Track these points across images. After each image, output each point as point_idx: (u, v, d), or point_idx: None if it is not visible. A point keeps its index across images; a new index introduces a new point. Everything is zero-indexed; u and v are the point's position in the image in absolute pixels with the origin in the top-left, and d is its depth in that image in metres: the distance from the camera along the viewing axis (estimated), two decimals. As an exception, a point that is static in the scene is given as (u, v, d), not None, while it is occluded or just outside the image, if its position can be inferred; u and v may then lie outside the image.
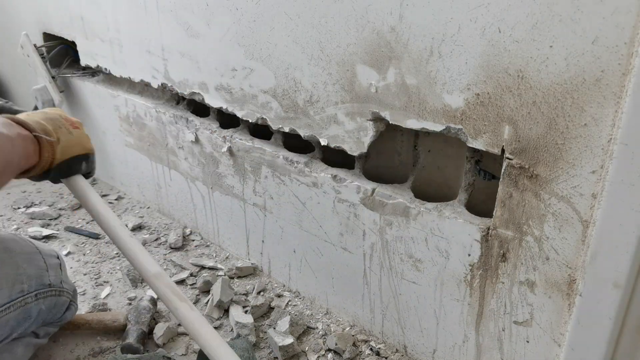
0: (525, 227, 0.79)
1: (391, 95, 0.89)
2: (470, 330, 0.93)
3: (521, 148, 0.75)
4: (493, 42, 0.73)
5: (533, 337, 0.85)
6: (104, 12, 1.46)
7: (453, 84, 0.80)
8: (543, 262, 0.79)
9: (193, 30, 1.21)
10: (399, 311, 1.05)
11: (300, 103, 1.05)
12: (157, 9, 1.28)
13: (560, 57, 0.67)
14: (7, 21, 1.95)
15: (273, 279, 1.32)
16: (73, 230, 1.54)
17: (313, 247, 1.16)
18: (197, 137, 1.34)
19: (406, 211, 0.94)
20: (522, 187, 0.78)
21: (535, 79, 0.71)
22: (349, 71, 0.93)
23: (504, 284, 0.85)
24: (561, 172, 0.72)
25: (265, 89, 1.10)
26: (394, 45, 0.85)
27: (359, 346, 1.11)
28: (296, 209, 1.15)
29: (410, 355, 1.08)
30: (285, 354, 1.06)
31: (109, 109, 1.63)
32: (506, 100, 0.75)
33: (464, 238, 0.87)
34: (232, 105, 1.21)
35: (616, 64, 0.63)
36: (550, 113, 0.70)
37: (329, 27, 0.93)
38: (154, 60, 1.37)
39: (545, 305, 0.81)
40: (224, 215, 1.39)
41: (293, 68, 1.03)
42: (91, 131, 1.78)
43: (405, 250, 0.97)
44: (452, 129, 0.83)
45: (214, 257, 1.42)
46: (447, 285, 0.93)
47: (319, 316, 1.20)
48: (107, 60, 1.56)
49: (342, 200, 1.04)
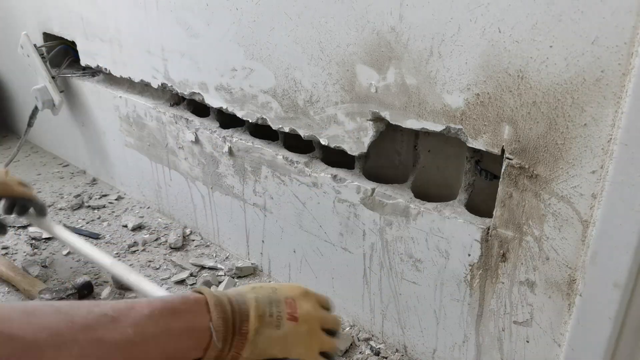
0: (525, 227, 0.79)
1: (391, 95, 0.89)
2: (470, 330, 0.93)
3: (521, 148, 0.75)
4: (493, 42, 0.73)
5: (533, 337, 0.85)
6: (104, 12, 1.46)
7: (453, 84, 0.80)
8: (543, 262, 0.79)
9: (193, 30, 1.21)
10: (399, 311, 1.05)
11: (300, 103, 1.05)
12: (157, 9, 1.28)
13: (560, 57, 0.67)
14: (7, 21, 1.95)
15: (273, 279, 1.32)
16: (73, 230, 1.54)
17: (313, 247, 1.16)
18: (197, 137, 1.34)
19: (406, 211, 0.94)
20: (522, 187, 0.78)
21: (535, 79, 0.71)
22: (349, 71, 0.93)
23: (504, 284, 0.85)
24: (561, 172, 0.72)
25: (265, 89, 1.10)
26: (394, 45, 0.85)
27: (359, 346, 1.11)
28: (296, 209, 1.15)
29: (410, 355, 1.08)
30: (285, 354, 1.06)
31: (109, 109, 1.63)
32: (506, 100, 0.75)
33: (464, 238, 0.87)
34: (232, 105, 1.21)
35: (616, 64, 0.63)
36: (550, 113, 0.70)
37: (329, 27, 0.93)
38: (154, 60, 1.37)
39: (545, 305, 0.81)
40: (224, 215, 1.39)
41: (293, 68, 1.03)
42: (91, 131, 1.78)
43: (405, 250, 0.97)
44: (452, 129, 0.83)
45: (214, 257, 1.42)
46: (447, 285, 0.93)
47: (319, 316, 1.20)
48: (107, 60, 1.56)
49: (342, 200, 1.04)
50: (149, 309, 0.49)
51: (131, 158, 1.65)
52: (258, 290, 0.60)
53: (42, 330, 0.43)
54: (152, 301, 0.51)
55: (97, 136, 1.76)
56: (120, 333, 0.46)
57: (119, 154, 1.70)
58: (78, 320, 0.45)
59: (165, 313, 0.50)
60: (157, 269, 1.38)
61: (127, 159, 1.67)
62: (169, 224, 1.58)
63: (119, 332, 0.46)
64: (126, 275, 0.86)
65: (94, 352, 0.45)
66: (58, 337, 0.44)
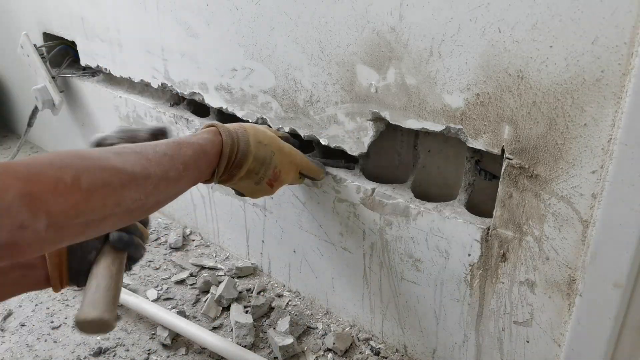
0: (525, 227, 0.79)
1: (391, 95, 0.89)
2: (470, 330, 0.93)
3: (521, 148, 0.75)
4: (493, 42, 0.73)
5: (533, 337, 0.85)
6: (104, 12, 1.46)
7: (453, 84, 0.80)
8: (543, 262, 0.79)
9: (193, 30, 1.21)
10: (399, 311, 1.05)
11: (300, 103, 1.05)
12: (157, 8, 1.28)
13: (560, 57, 0.67)
14: (7, 21, 1.95)
15: (273, 279, 1.32)
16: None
17: (313, 247, 1.16)
18: (197, 137, 1.34)
19: (406, 211, 0.94)
20: (522, 187, 0.78)
21: (535, 79, 0.71)
22: (349, 71, 0.93)
23: (504, 284, 0.85)
24: (561, 172, 0.72)
25: (265, 89, 1.10)
26: (394, 45, 0.85)
27: (359, 346, 1.11)
28: (296, 209, 1.15)
29: (410, 355, 1.08)
30: (286, 354, 1.06)
31: (109, 109, 1.63)
32: (506, 100, 0.75)
33: (464, 238, 0.87)
34: (232, 105, 1.21)
35: (616, 64, 0.63)
36: (550, 113, 0.70)
37: (329, 27, 0.93)
38: (154, 60, 1.37)
39: (545, 305, 0.81)
40: (224, 215, 1.39)
41: (293, 68, 1.03)
42: (91, 131, 1.78)
43: (405, 250, 0.97)
44: (452, 129, 0.83)
45: (214, 257, 1.42)
46: (447, 285, 0.93)
47: (319, 316, 1.20)
48: (107, 60, 1.56)
49: (342, 200, 1.04)
50: (191, 149, 0.71)
51: (131, 158, 1.65)
52: (261, 148, 0.84)
53: (133, 166, 0.59)
54: (192, 141, 0.73)
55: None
56: (176, 169, 0.67)
57: (119, 154, 1.70)
58: (150, 157, 0.63)
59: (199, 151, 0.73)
60: (157, 269, 1.38)
61: (127, 159, 1.67)
62: (169, 224, 1.59)
63: (175, 167, 0.67)
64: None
65: (165, 182, 0.65)
66: (144, 170, 0.61)
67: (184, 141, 0.72)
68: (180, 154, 0.69)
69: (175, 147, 0.69)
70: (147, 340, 1.12)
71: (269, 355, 1.08)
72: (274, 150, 0.86)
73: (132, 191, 0.59)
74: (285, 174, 0.90)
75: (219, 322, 1.17)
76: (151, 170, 0.62)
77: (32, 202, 0.46)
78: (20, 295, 0.89)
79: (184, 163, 0.69)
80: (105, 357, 1.08)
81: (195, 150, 0.72)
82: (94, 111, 1.72)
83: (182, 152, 0.69)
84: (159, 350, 1.10)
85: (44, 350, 1.09)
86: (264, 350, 1.10)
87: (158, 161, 0.64)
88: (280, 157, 0.88)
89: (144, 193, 0.60)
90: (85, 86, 1.70)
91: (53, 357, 1.08)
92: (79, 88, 1.74)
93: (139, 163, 0.61)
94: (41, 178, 0.48)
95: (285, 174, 0.90)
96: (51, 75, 1.72)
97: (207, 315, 1.19)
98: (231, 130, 0.81)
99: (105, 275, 0.69)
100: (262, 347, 1.11)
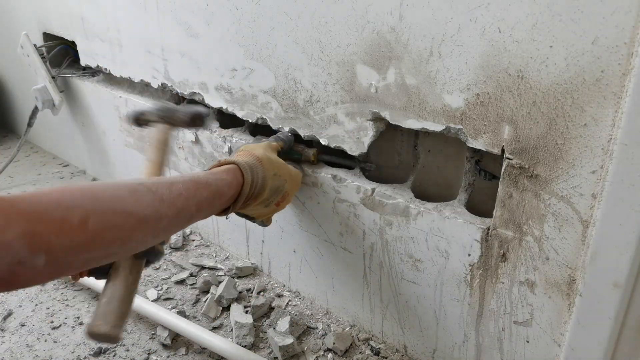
0: (525, 227, 0.79)
1: (391, 95, 0.89)
2: (470, 330, 0.93)
3: (521, 148, 0.75)
4: (493, 42, 0.73)
5: (533, 337, 0.85)
6: (104, 12, 1.46)
7: (453, 84, 0.80)
8: (543, 262, 0.79)
9: (193, 30, 1.21)
10: (399, 311, 1.05)
11: (300, 103, 1.05)
12: (157, 8, 1.28)
13: (560, 57, 0.67)
14: (7, 21, 1.95)
15: (273, 279, 1.32)
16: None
17: (313, 247, 1.16)
18: (197, 137, 1.34)
19: (406, 211, 0.94)
20: (522, 187, 0.78)
21: (535, 79, 0.71)
22: (349, 71, 0.93)
23: (504, 284, 0.85)
24: (561, 172, 0.72)
25: (265, 89, 1.10)
26: (394, 45, 0.85)
27: (359, 346, 1.11)
28: (296, 208, 1.15)
29: (410, 355, 1.08)
30: (285, 354, 1.06)
31: (109, 109, 1.63)
32: (506, 100, 0.75)
33: (464, 238, 0.87)
34: (232, 105, 1.21)
35: (616, 64, 0.63)
36: (550, 113, 0.70)
37: (329, 27, 0.93)
38: (154, 60, 1.37)
39: (545, 305, 0.81)
40: (224, 215, 1.39)
41: (293, 68, 1.03)
42: (91, 131, 1.78)
43: (405, 250, 0.97)
44: (452, 129, 0.83)
45: (214, 257, 1.42)
46: (447, 285, 0.93)
47: (319, 316, 1.20)
48: (107, 60, 1.56)
49: (342, 200, 1.04)
50: (207, 191, 0.71)
51: (131, 158, 1.65)
52: (276, 180, 0.88)
53: (145, 208, 0.58)
54: (210, 182, 0.72)
55: (97, 136, 1.76)
56: (188, 210, 0.66)
57: (119, 154, 1.70)
58: (165, 198, 0.62)
59: (215, 193, 0.73)
60: (157, 269, 1.38)
61: (127, 159, 1.67)
62: (169, 224, 1.58)
63: (189, 208, 0.66)
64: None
65: (175, 222, 0.64)
66: (156, 213, 0.60)
67: (201, 181, 0.71)
68: (195, 195, 0.68)
69: (191, 187, 0.68)
70: (147, 340, 1.12)
71: (269, 355, 1.08)
72: (286, 179, 0.91)
73: (141, 234, 0.58)
74: (292, 194, 0.98)
75: (219, 322, 1.17)
76: (163, 213, 0.61)
77: (34, 241, 0.46)
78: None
79: (197, 204, 0.68)
80: (105, 357, 1.08)
81: (212, 192, 0.72)
82: (94, 111, 1.72)
83: (198, 193, 0.69)
84: (159, 350, 1.10)
85: (44, 350, 1.09)
86: (264, 350, 1.10)
87: (172, 202, 0.63)
88: (291, 184, 0.94)
89: (152, 235, 0.60)
90: (85, 86, 1.70)
91: (53, 357, 1.08)
92: (79, 88, 1.74)
93: (152, 205, 0.60)
94: (46, 217, 0.48)
95: (292, 194, 0.98)
96: (51, 75, 1.72)
97: (207, 315, 1.19)
98: (252, 167, 0.82)
99: (122, 286, 0.70)
100: (262, 347, 1.11)
